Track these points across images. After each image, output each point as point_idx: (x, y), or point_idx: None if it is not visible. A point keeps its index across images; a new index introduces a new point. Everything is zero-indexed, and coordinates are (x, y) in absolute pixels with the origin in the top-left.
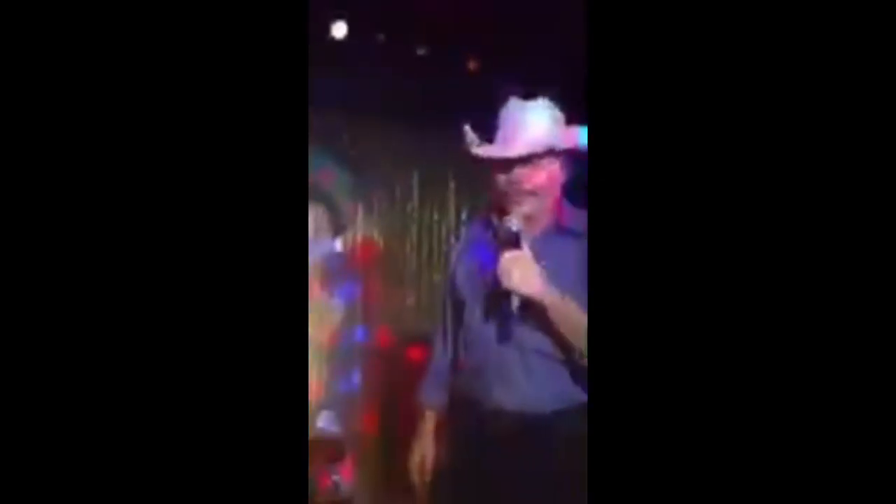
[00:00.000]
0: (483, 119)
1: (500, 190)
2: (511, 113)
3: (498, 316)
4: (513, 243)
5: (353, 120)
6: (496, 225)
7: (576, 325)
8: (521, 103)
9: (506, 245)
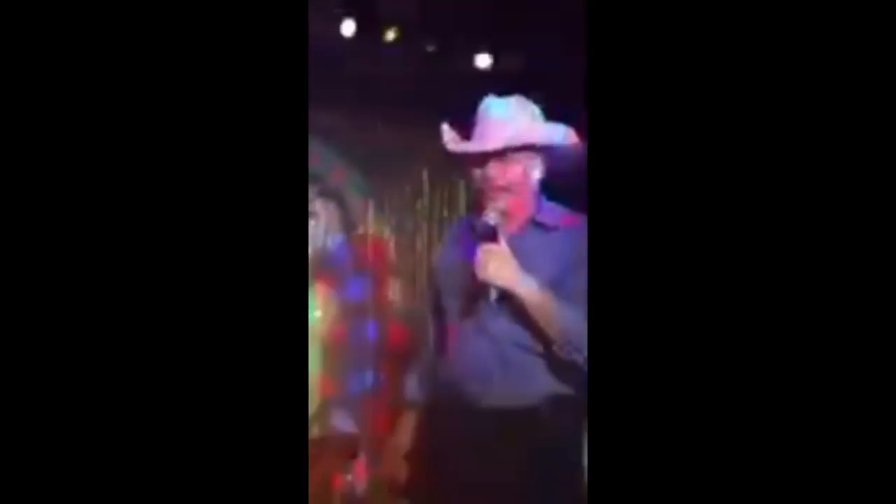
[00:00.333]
0: None
1: (477, 186)
2: (488, 109)
3: (476, 309)
4: (490, 237)
5: (363, 117)
6: (475, 220)
7: (553, 318)
8: (498, 100)
9: (483, 239)
